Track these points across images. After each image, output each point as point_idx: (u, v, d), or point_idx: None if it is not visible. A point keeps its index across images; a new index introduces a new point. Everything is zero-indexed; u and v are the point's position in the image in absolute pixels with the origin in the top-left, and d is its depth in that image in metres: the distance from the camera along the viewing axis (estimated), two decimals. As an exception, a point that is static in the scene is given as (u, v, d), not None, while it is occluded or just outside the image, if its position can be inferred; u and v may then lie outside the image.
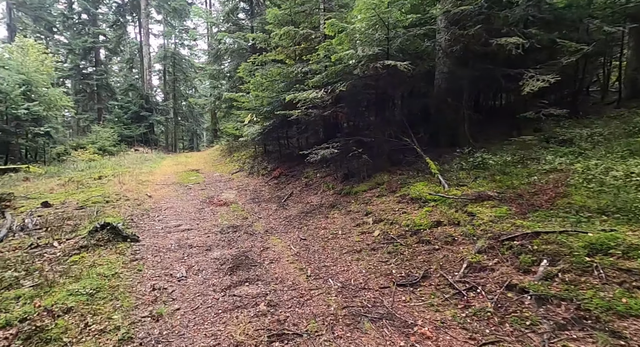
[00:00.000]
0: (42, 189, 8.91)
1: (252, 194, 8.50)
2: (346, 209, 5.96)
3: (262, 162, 11.66)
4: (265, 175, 10.21)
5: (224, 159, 15.79)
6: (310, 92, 6.94)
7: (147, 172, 11.99)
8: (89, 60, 28.41)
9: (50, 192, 8.41)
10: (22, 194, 8.21)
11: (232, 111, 16.72)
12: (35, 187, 9.08)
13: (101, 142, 19.51)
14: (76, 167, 12.69)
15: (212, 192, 8.74)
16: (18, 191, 8.42)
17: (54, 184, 9.37)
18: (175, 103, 33.33)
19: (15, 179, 10.47)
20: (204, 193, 8.65)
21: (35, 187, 9.16)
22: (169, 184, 9.86)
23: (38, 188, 8.99)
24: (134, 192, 8.15)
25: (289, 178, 9.06)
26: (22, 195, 7.89)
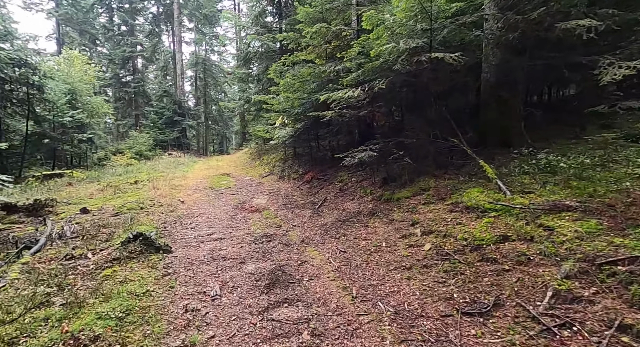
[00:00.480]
0: (82, 194, 9.17)
1: (284, 199, 8.19)
2: (388, 218, 5.43)
3: (293, 166, 11.37)
4: (296, 179, 9.89)
5: (254, 163, 15.74)
6: (346, 91, 6.48)
7: (180, 177, 12.12)
8: (127, 69, 29.90)
9: (90, 198, 8.61)
10: (64, 199, 8.46)
11: (261, 114, 16.68)
12: (77, 192, 9.36)
13: (138, 147, 20.30)
14: (114, 171, 13.14)
15: (243, 197, 8.53)
16: (61, 196, 8.71)
17: (94, 189, 9.63)
18: (206, 108, 34.28)
19: (60, 183, 10.94)
20: (235, 198, 8.46)
21: (76, 192, 9.45)
22: (201, 189, 9.82)
23: (79, 193, 9.26)
24: (167, 198, 8.12)
25: (321, 182, 8.65)
26: (64, 200, 8.11)
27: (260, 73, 16.68)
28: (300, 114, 9.27)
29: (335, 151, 9.33)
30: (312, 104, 8.92)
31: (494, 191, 4.68)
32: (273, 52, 16.21)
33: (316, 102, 8.88)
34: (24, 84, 12.96)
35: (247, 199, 8.30)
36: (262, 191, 9.39)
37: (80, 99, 18.97)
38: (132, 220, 5.86)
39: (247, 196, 8.77)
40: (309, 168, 10.14)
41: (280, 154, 13.91)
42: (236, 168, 15.47)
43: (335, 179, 8.31)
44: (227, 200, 8.27)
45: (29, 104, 13.18)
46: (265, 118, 14.90)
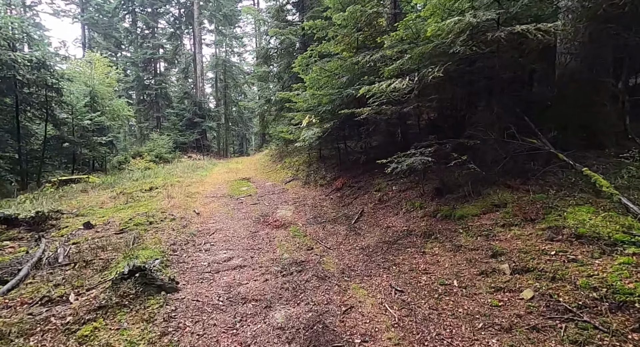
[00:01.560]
0: (94, 202, 8.47)
1: (312, 210, 7.08)
2: (452, 243, 4.19)
3: (319, 170, 10.26)
4: (324, 186, 8.77)
5: (275, 166, 14.77)
6: (390, 82, 5.29)
7: (197, 182, 11.31)
8: (149, 72, 29.93)
9: (100, 207, 7.87)
10: (74, 208, 7.77)
11: (283, 114, 15.70)
12: (89, 200, 8.69)
13: (158, 150, 19.90)
14: (131, 176, 12.55)
15: (265, 208, 7.51)
16: (71, 205, 8.03)
17: (106, 196, 8.92)
18: (226, 109, 33.94)
19: (74, 190, 10.38)
20: (256, 209, 7.45)
21: (88, 200, 8.78)
22: (218, 197, 8.91)
23: (91, 201, 8.58)
24: (181, 209, 7.22)
25: (354, 190, 7.49)
26: (72, 211, 7.39)
27: (282, 71, 15.71)
28: (329, 112, 8.15)
29: (368, 154, 8.15)
30: (342, 100, 7.78)
31: (614, 211, 3.35)
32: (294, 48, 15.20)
33: (348, 99, 7.73)
34: (42, 87, 12.62)
35: (270, 210, 7.27)
36: (287, 199, 8.34)
37: (101, 101, 18.81)
38: (137, 240, 4.93)
39: (270, 206, 7.74)
40: (337, 173, 9.00)
41: (304, 156, 12.85)
42: (256, 172, 14.56)
43: (372, 187, 7.12)
44: (248, 211, 7.27)
45: (47, 107, 12.83)
46: (288, 118, 13.90)
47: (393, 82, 5.29)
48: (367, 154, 8.01)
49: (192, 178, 12.03)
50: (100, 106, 18.65)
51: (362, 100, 8.22)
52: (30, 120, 13.31)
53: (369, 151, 8.21)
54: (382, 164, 5.42)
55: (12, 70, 11.61)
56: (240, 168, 16.40)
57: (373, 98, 6.21)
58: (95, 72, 19.25)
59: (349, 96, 7.50)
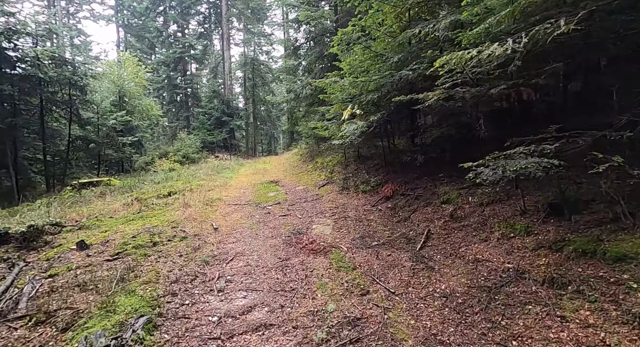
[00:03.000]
0: (106, 209, 7.50)
1: (356, 226, 5.52)
2: (620, 305, 2.45)
3: (359, 173, 8.66)
4: (368, 193, 7.16)
5: (305, 166, 13.36)
6: (484, 47, 3.56)
7: (220, 185, 10.15)
8: (179, 71, 29.80)
9: (110, 217, 6.84)
10: (82, 217, 6.81)
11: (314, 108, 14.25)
12: (101, 208, 7.74)
13: (185, 150, 19.25)
14: (154, 178, 11.69)
15: (297, 221, 6.05)
16: (80, 214, 7.08)
17: (120, 203, 7.93)
18: (254, 108, 33.23)
19: (92, 194, 9.59)
20: (287, 222, 6.00)
21: (101, 207, 7.83)
22: (242, 205, 7.60)
23: (103, 209, 7.62)
24: (197, 222, 5.95)
25: (410, 201, 5.82)
26: (76, 222, 6.39)
27: (312, 62, 14.24)
28: (373, 102, 6.55)
29: (426, 153, 6.43)
30: (393, 85, 6.13)
31: None
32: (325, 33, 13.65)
33: (401, 83, 6.06)
34: (65, 85, 12.10)
35: (304, 225, 5.79)
36: (322, 209, 6.83)
37: (130, 101, 18.46)
38: (129, 273, 3.64)
39: (303, 218, 6.27)
40: (384, 177, 7.35)
41: (338, 156, 11.30)
42: (285, 173, 13.22)
43: (435, 198, 5.42)
44: (276, 226, 5.84)
45: (70, 106, 12.32)
46: (320, 113, 12.43)
47: (486, 49, 3.57)
48: (424, 153, 6.29)
49: (216, 181, 10.90)
50: (129, 105, 18.31)
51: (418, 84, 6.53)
52: (56, 121, 12.91)
53: (427, 149, 6.47)
54: (450, 166, 3.76)
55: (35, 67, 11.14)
56: (268, 169, 15.18)
57: (444, 77, 4.53)
58: (124, 71, 18.95)
59: (402, 79, 5.83)
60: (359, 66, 7.01)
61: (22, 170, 12.60)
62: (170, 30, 31.06)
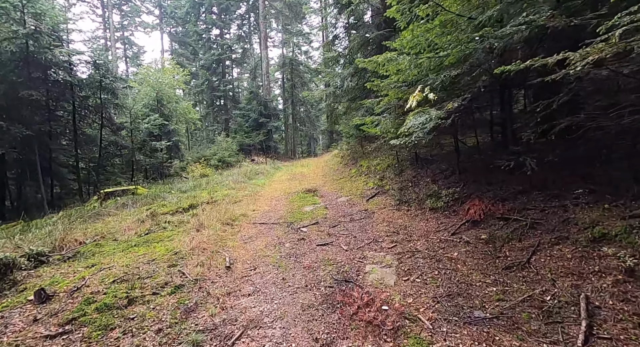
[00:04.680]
0: (117, 227, 6.37)
1: (435, 271, 3.54)
2: None
3: (420, 181, 6.61)
4: (439, 211, 5.12)
5: (348, 170, 11.51)
6: None
7: (250, 195, 8.70)
8: (218, 74, 29.65)
9: (115, 240, 5.64)
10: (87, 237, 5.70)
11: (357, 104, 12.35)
12: (112, 225, 6.63)
13: (221, 154, 18.49)
14: (182, 186, 10.66)
15: (343, 256, 4.22)
16: (85, 234, 5.99)
17: (134, 219, 6.78)
18: (293, 109, 32.19)
19: (113, 205, 8.68)
20: (327, 259, 4.21)
21: (113, 224, 6.74)
22: (271, 224, 5.98)
23: (113, 226, 6.50)
24: (207, 254, 4.40)
25: (520, 230, 3.69)
26: (73, 248, 5.23)
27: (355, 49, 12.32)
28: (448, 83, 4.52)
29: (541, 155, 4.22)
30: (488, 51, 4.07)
31: None
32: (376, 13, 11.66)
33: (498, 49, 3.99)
34: (96, 88, 11.60)
35: (352, 264, 3.96)
36: (376, 235, 4.94)
37: (167, 105, 18.12)
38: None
39: (350, 250, 4.43)
40: (461, 189, 5.24)
41: (388, 158, 9.29)
42: (324, 179, 11.49)
43: (574, 228, 3.27)
44: (313, 264, 4.08)
45: (101, 110, 11.80)
46: (365, 108, 10.51)
47: None
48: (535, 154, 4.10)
49: (246, 189, 9.51)
50: (166, 109, 17.96)
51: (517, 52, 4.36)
52: (90, 127, 12.54)
53: (543, 150, 4.25)
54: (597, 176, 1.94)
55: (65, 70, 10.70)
56: (305, 173, 13.59)
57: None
58: (163, 75, 18.68)
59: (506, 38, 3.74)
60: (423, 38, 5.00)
61: (60, 178, 12.40)
62: (211, 34, 31.16)
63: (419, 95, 4.03)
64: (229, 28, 33.49)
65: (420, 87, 4.09)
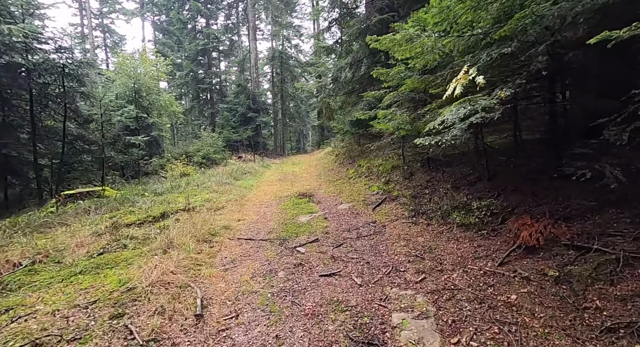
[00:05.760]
0: (68, 242, 5.09)
1: (495, 333, 2.48)
2: None
3: (437, 187, 5.58)
4: (473, 229, 4.07)
5: (345, 171, 10.43)
6: None
7: (235, 201, 7.50)
8: (203, 65, 27.97)
9: (59, 262, 4.39)
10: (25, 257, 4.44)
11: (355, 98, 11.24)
12: (63, 239, 5.34)
13: (205, 150, 17.08)
14: (157, 188, 9.33)
15: (356, 297, 3.12)
16: (25, 252, 4.70)
17: (90, 231, 5.51)
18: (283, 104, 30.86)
19: (73, 211, 7.34)
20: (335, 297, 3.10)
21: (64, 237, 5.44)
22: (259, 241, 4.82)
23: (64, 240, 5.22)
24: (172, 293, 3.22)
25: (611, 267, 2.67)
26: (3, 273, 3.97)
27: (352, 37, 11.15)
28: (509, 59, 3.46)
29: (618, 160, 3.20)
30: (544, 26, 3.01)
31: None
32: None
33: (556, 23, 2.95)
34: (58, 74, 10.09)
35: (372, 311, 2.87)
36: (395, 261, 3.86)
37: (147, 96, 16.58)
38: None
39: (366, 286, 3.33)
40: (499, 201, 4.21)
41: (393, 159, 8.24)
42: (319, 180, 10.38)
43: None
44: (316, 307, 2.96)
45: (65, 99, 10.29)
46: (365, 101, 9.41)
47: None
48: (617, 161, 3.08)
49: (231, 192, 8.30)
50: (145, 101, 16.44)
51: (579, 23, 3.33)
52: (52, 118, 10.99)
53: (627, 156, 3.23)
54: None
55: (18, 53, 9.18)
56: (297, 173, 12.43)
57: None
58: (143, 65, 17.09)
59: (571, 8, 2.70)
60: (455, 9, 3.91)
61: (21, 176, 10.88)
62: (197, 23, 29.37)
63: (464, 78, 2.94)
64: (216, 18, 31.77)
65: (465, 68, 3.00)
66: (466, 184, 5.21)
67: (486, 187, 4.75)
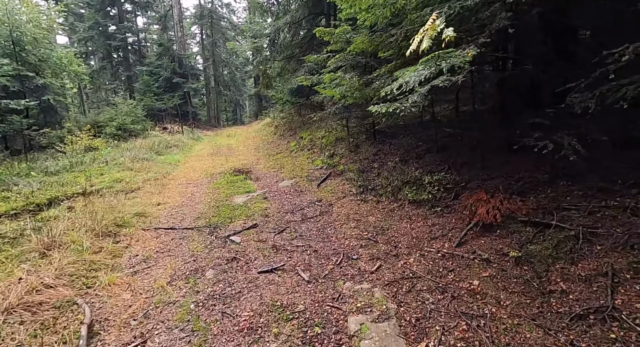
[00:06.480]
0: None
1: (464, 331, 2.16)
2: None
3: (386, 160, 5.24)
4: (426, 205, 3.79)
5: (286, 143, 9.67)
6: None
7: (155, 180, 6.28)
8: (112, 17, 23.35)
9: None
10: None
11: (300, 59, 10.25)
12: None
13: (120, 119, 14.47)
14: (49, 166, 7.42)
15: (303, 299, 2.57)
16: None
17: None
18: (215, 70, 27.97)
19: None
20: (278, 301, 2.51)
21: None
22: (182, 230, 3.94)
23: None
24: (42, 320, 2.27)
25: (571, 245, 2.53)
26: None
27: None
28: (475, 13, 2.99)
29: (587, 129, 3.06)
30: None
31: None
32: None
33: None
34: None
35: (324, 317, 2.35)
36: (346, 246, 3.40)
37: (33, 51, 13.11)
38: None
39: (315, 283, 2.80)
40: (452, 176, 3.98)
41: (336, 130, 7.73)
42: (258, 153, 9.48)
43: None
44: (254, 318, 2.35)
45: None
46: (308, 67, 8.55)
47: None
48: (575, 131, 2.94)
49: (150, 170, 6.97)
50: (32, 57, 13.07)
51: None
52: None
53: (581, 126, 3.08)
54: None
55: None
56: (233, 146, 11.26)
57: None
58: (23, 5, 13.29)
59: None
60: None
61: None
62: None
63: (432, 28, 2.38)
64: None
65: (435, 15, 2.43)
66: (415, 157, 4.94)
67: (436, 160, 4.52)
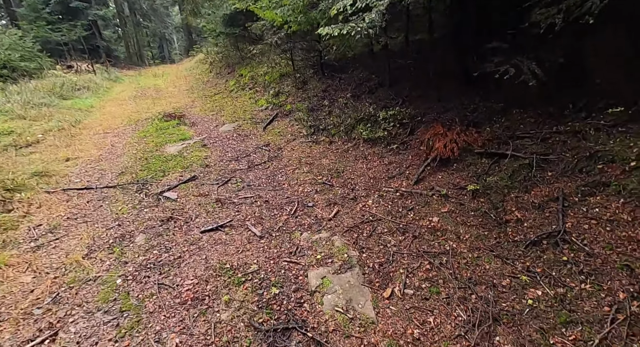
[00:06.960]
0: None
1: (427, 271, 2.09)
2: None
3: (336, 97, 4.79)
4: (381, 143, 3.55)
5: (224, 83, 8.53)
6: None
7: (59, 130, 5.08)
8: None
9: None
10: None
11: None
12: None
13: (3, 55, 11.38)
14: None
15: (256, 257, 2.27)
16: None
17: None
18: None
19: None
20: (227, 263, 2.19)
21: None
22: (100, 190, 3.25)
23: None
24: None
25: (524, 173, 2.52)
26: None
27: None
28: None
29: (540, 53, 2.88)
30: None
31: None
32: None
33: None
34: None
35: (281, 274, 2.10)
36: (301, 193, 3.10)
37: None
38: None
39: (269, 238, 2.50)
40: (407, 110, 3.73)
41: (281, 65, 6.88)
42: (192, 95, 8.29)
43: (605, 163, 2.24)
44: (198, 287, 2.01)
45: None
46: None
47: None
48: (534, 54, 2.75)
49: (52, 119, 5.61)
50: None
51: None
52: None
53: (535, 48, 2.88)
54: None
55: None
56: (161, 87, 9.68)
57: None
58: None
59: None
60: None
61: None
62: None
63: None
64: None
65: None
66: (367, 92, 4.57)
67: (389, 94, 4.20)
